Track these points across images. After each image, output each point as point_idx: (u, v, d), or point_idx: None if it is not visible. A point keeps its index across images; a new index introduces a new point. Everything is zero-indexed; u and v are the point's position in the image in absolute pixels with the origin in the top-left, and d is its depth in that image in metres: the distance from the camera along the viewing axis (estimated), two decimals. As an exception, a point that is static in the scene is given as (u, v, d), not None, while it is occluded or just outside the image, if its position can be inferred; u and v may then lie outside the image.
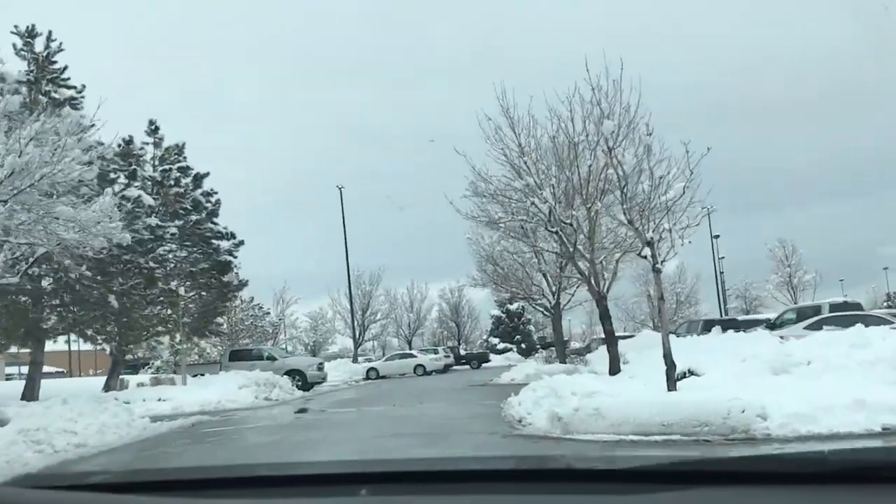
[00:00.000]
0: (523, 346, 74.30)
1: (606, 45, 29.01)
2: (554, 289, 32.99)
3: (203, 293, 38.87)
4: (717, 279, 79.15)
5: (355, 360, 64.46)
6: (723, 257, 79.87)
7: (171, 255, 35.27)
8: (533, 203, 20.93)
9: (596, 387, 17.19)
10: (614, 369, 21.01)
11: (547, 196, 20.80)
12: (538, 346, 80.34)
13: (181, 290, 33.53)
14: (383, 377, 53.04)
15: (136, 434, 18.62)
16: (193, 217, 37.29)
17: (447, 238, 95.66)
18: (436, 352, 61.04)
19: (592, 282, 21.16)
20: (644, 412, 13.62)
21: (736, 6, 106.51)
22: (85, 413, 18.26)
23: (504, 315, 76.51)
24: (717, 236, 71.95)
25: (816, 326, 26.29)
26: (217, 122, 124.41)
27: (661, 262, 17.26)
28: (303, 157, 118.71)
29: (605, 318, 21.48)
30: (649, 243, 16.51)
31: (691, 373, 18.65)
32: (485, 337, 78.19)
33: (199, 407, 26.97)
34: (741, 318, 47.29)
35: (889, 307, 65.31)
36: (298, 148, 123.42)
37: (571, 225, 21.00)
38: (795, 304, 56.14)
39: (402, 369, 54.60)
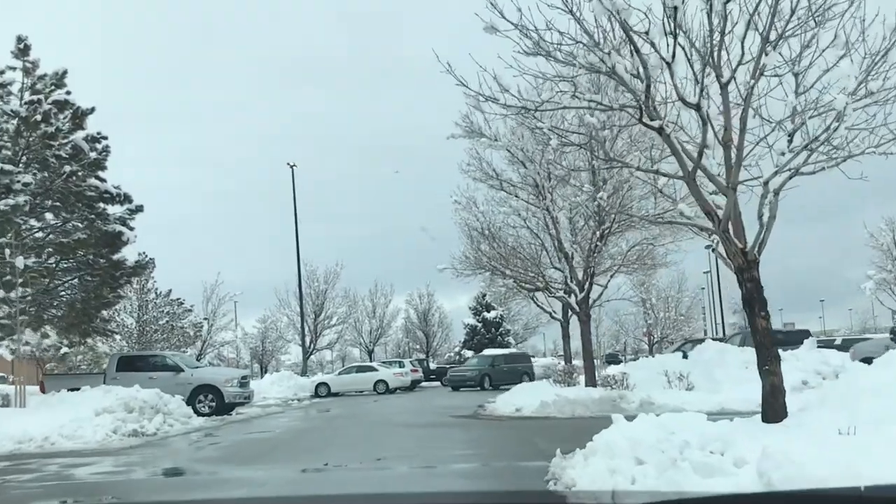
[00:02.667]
0: (502, 361, 64.20)
1: None
2: (581, 276, 22.48)
3: (85, 276, 28.15)
4: (719, 292, 69.69)
5: (304, 373, 53.89)
6: (707, 272, 71.97)
7: (17, 217, 24.39)
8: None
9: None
10: (774, 411, 10.07)
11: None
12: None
13: (23, 265, 22.64)
14: (335, 395, 44.26)
15: None
16: (68, 168, 26.53)
17: (417, 244, 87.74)
18: (401, 364, 50.60)
19: (731, 231, 10.43)
20: None
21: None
22: None
23: (480, 324, 66.93)
24: (710, 247, 62.52)
25: None
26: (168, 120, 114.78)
27: None
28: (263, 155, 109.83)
29: (754, 300, 10.41)
30: None
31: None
32: (457, 349, 67.60)
33: (14, 444, 16.53)
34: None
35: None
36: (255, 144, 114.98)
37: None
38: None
39: (360, 385, 45.42)
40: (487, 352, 49.07)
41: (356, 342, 71.84)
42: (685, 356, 26.22)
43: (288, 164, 53.76)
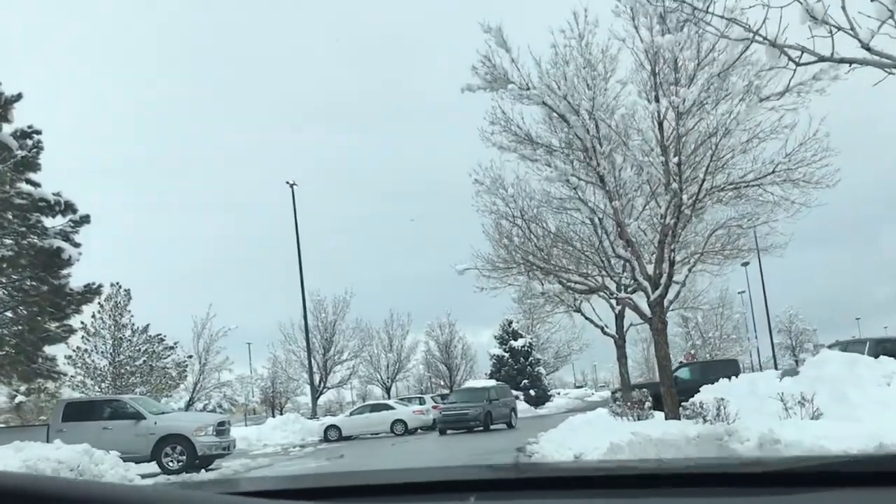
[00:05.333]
0: (532, 392, 58.60)
1: None
2: (653, 271, 16.36)
3: (18, 304, 22.59)
4: (766, 308, 63.54)
5: (314, 415, 48.08)
6: (742, 292, 65.97)
7: None
8: None
9: None
10: None
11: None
12: (550, 394, 65.01)
13: None
14: (348, 438, 38.45)
15: None
16: (-11, 168, 21.07)
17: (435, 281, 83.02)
18: (421, 401, 44.64)
19: None
20: None
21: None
22: None
23: (507, 354, 61.07)
24: (747, 263, 56.60)
25: None
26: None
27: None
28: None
29: None
30: None
31: None
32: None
33: None
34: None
35: None
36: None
37: None
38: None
39: (375, 426, 39.49)
40: (475, 384, 42.85)
41: (372, 378, 65.93)
42: (788, 374, 20.39)
43: (287, 182, 48.22)
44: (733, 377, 23.14)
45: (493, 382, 43.65)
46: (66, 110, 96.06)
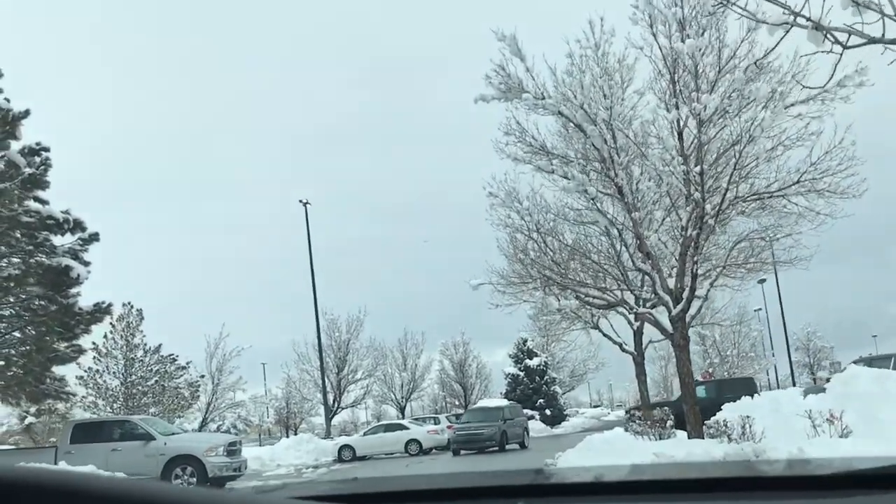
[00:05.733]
0: (547, 412, 57.91)
1: None
2: (674, 285, 15.78)
3: (26, 324, 22.24)
4: (783, 325, 62.86)
5: (328, 435, 47.54)
6: (758, 309, 65.00)
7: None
8: None
9: None
10: None
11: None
12: (566, 414, 64.26)
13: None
14: (361, 458, 37.86)
15: None
16: (-4, 185, 20.74)
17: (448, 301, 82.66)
18: (436, 421, 44.03)
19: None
20: None
21: None
22: None
23: (522, 373, 60.31)
24: (764, 280, 55.88)
25: None
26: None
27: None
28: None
29: None
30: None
31: None
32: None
33: None
34: None
35: None
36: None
37: None
38: None
39: (389, 447, 38.94)
40: (488, 403, 41.88)
41: (386, 398, 65.30)
42: (811, 391, 19.78)
43: (300, 201, 47.95)
44: (750, 396, 22.58)
45: (505, 401, 43.04)
46: (85, 133, 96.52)
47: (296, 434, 57.22)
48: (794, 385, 61.89)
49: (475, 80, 15.95)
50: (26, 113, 21.82)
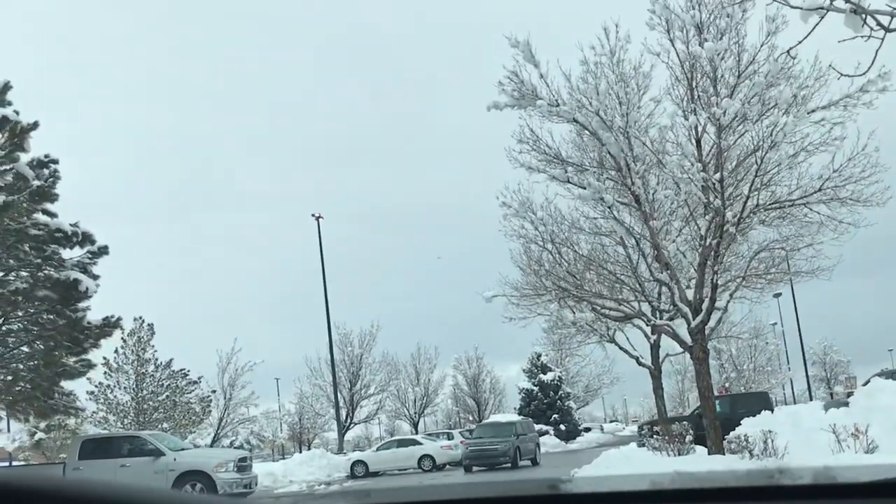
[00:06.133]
0: (562, 427, 57.44)
1: None
2: (693, 296, 15.31)
3: (34, 338, 21.99)
4: (800, 339, 62.27)
5: (341, 450, 47.10)
6: (774, 323, 64.33)
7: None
8: None
9: None
10: None
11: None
12: (582, 428, 63.80)
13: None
14: (374, 474, 37.29)
15: None
16: (4, 198, 20.52)
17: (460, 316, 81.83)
18: (449, 436, 43.51)
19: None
20: None
21: None
22: None
23: (536, 388, 59.88)
24: (779, 294, 55.28)
25: None
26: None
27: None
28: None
29: None
30: None
31: None
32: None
33: None
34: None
35: None
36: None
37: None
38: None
39: (402, 462, 38.17)
40: (500, 418, 41.16)
41: (400, 413, 64.81)
42: (831, 405, 19.28)
43: (313, 215, 47.70)
44: (765, 411, 22.10)
45: (517, 416, 42.49)
46: (100, 148, 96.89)
47: (309, 449, 56.78)
48: (811, 400, 61.16)
49: (490, 93, 15.69)
50: (35, 125, 21.60)
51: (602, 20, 16.04)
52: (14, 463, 27.54)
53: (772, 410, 23.66)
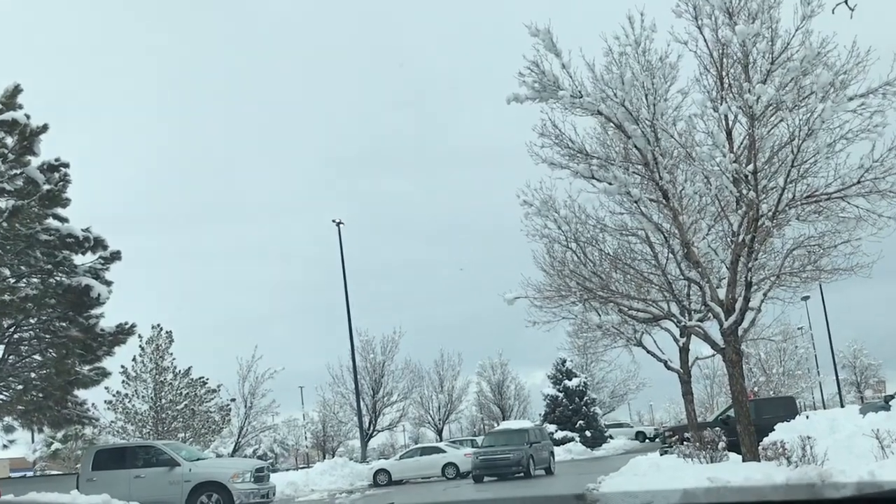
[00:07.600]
0: (587, 433, 56.48)
1: None
2: (725, 296, 14.47)
3: (46, 346, 21.52)
4: (829, 342, 61.34)
5: (364, 459, 46.54)
6: (801, 327, 63.10)
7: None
8: None
9: None
10: None
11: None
12: (609, 435, 62.82)
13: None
14: (397, 483, 36.74)
15: None
16: (14, 203, 20.08)
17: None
18: (473, 444, 42.81)
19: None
20: None
21: None
22: None
23: (561, 394, 58.90)
24: (807, 297, 54.13)
25: None
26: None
27: None
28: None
29: None
30: None
31: None
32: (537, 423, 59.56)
33: None
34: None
35: None
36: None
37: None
38: None
39: (425, 470, 37.66)
40: (511, 425, 39.95)
41: (423, 420, 64.16)
42: (869, 409, 18.44)
43: (333, 221, 47.20)
44: (791, 416, 21.23)
45: (530, 423, 41.59)
46: (120, 160, 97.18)
47: (333, 458, 56.17)
48: (841, 404, 59.90)
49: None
50: (44, 128, 21.20)
51: (626, 9, 15.37)
52: (28, 474, 27.12)
53: (796, 416, 22.82)
